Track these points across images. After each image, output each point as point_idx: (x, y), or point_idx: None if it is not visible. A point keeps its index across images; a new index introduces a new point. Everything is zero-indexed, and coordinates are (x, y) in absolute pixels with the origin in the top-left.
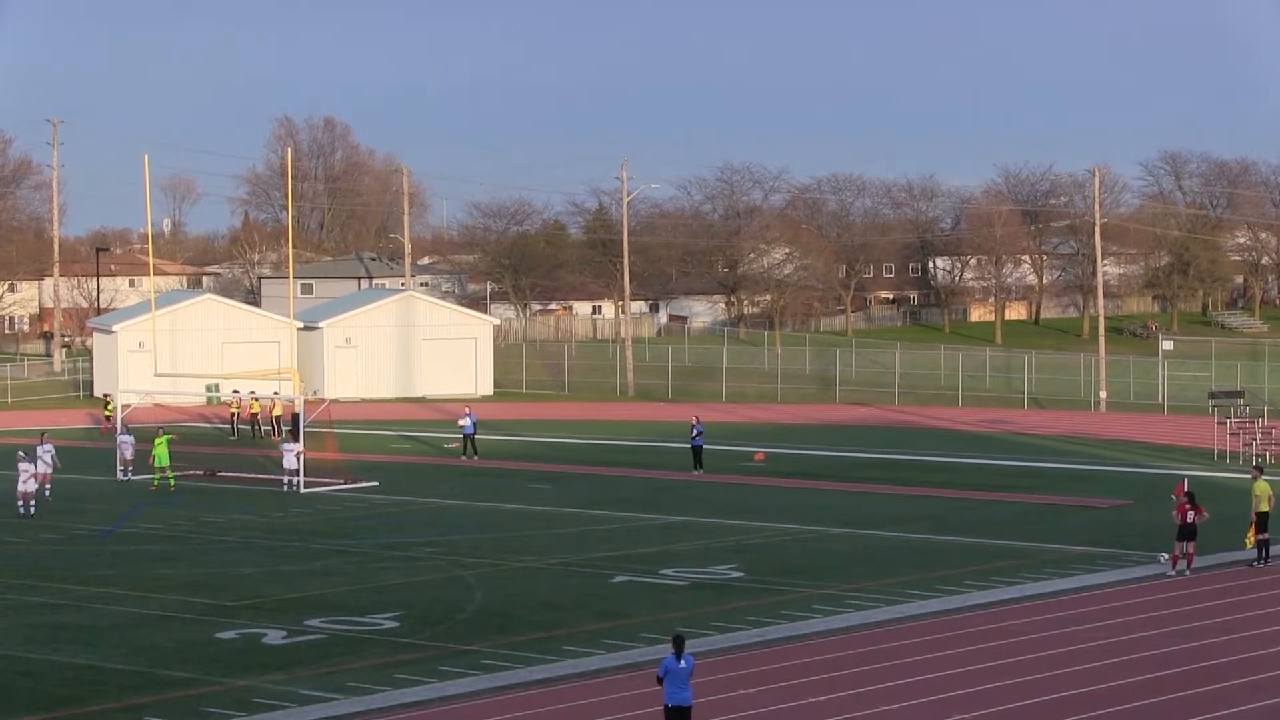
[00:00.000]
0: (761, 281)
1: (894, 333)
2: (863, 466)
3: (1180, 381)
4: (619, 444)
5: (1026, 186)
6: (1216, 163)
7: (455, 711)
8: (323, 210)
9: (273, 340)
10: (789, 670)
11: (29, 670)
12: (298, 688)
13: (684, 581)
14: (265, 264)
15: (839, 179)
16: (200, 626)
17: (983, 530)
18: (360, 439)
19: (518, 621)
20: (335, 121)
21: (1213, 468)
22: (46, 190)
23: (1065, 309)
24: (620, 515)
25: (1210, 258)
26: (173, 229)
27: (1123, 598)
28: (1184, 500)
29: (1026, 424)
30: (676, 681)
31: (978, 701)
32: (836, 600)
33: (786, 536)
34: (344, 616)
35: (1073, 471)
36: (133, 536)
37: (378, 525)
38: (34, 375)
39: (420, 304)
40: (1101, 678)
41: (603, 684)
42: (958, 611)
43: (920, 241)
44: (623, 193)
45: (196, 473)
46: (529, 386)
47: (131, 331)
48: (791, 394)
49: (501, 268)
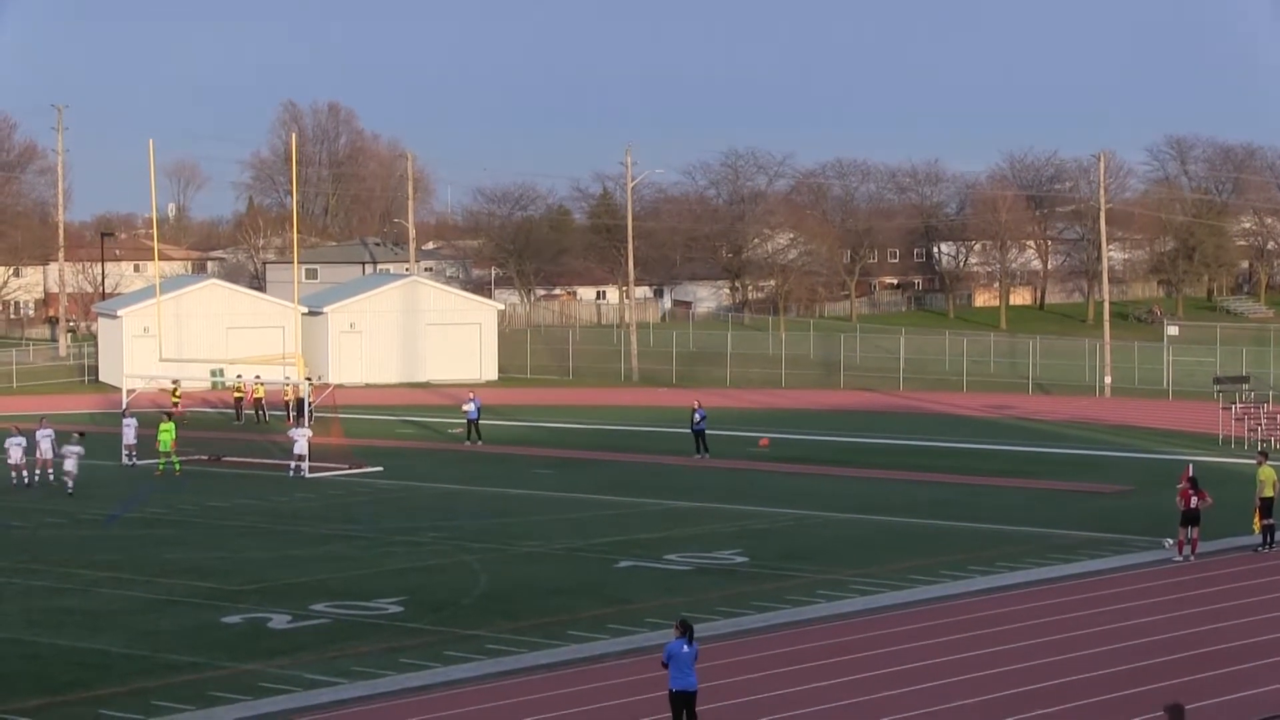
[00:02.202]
0: (766, 267)
1: (899, 318)
2: (867, 452)
3: (1185, 367)
4: (623, 429)
5: (1031, 171)
6: (1222, 147)
7: (460, 696)
8: (327, 195)
9: (277, 325)
10: (793, 655)
11: (34, 654)
12: (303, 672)
13: (688, 566)
14: (270, 249)
15: (844, 164)
16: (206, 611)
17: (987, 515)
18: (365, 424)
19: (522, 606)
20: (340, 106)
21: (1217, 453)
22: (51, 175)
23: (1070, 294)
24: (625, 500)
25: (1216, 243)
26: (177, 214)
27: (1127, 583)
28: (1186, 485)
29: (1031, 409)
30: (681, 666)
31: (981, 686)
32: (840, 585)
33: (790, 522)
34: (349, 601)
35: (1077, 457)
36: (138, 521)
37: (383, 510)
38: (39, 360)
39: (425, 289)
40: (1105, 663)
41: (607, 669)
42: (962, 597)
43: (925, 227)
44: (627, 178)
45: (201, 458)
46: (533, 372)
47: (136, 316)
48: (796, 379)
49: (506, 253)
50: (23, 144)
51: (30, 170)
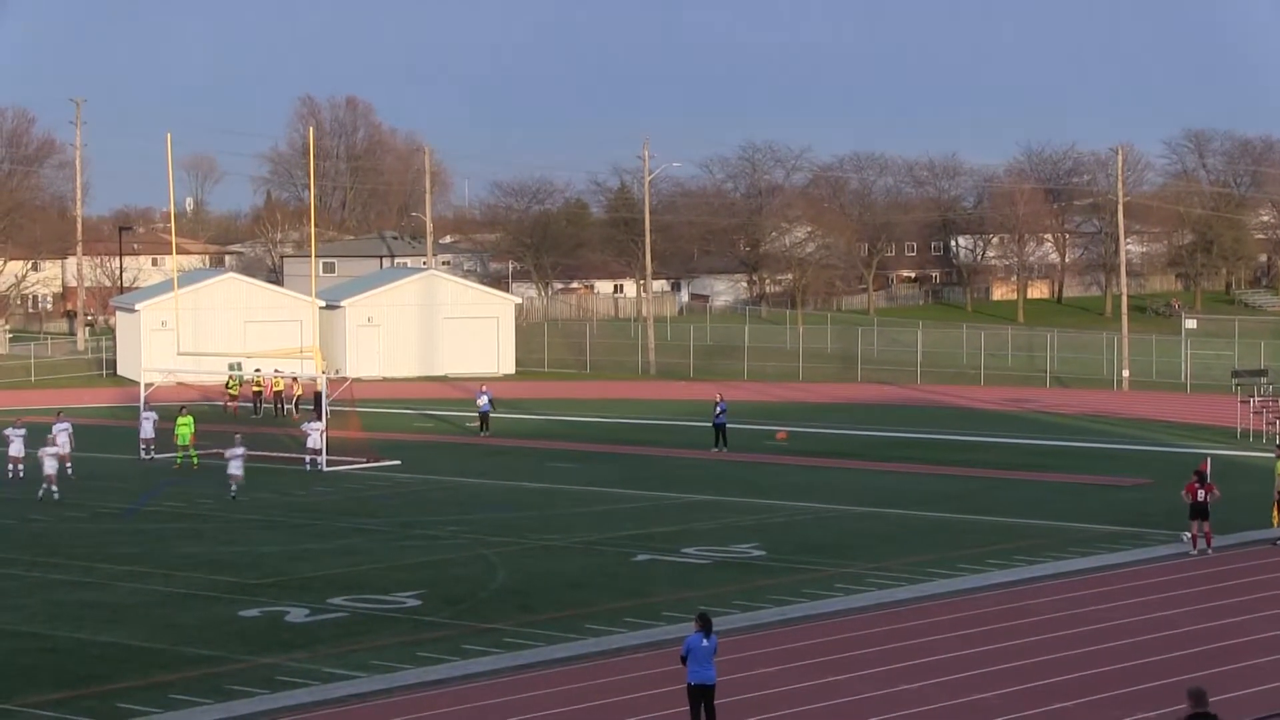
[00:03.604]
0: (783, 260)
1: (916, 311)
2: (884, 445)
3: (1203, 360)
4: (641, 423)
5: (1049, 165)
6: (1240, 140)
7: (477, 689)
8: (345, 189)
9: (295, 319)
10: (810, 649)
11: (54, 648)
12: (320, 665)
13: (706, 560)
14: (287, 243)
15: (861, 157)
16: (224, 605)
17: (1005, 509)
18: (382, 418)
19: (540, 600)
20: (357, 100)
21: (1236, 446)
22: (69, 169)
23: (1088, 287)
24: (642, 494)
25: (1234, 236)
26: (195, 208)
27: (1144, 576)
28: (1193, 479)
29: (1049, 403)
30: (700, 660)
31: (998, 680)
32: (858, 579)
33: (808, 515)
34: (366, 595)
35: (1095, 450)
36: (156, 515)
37: (400, 504)
38: (57, 354)
39: (442, 283)
40: (1122, 656)
41: (624, 662)
42: (979, 590)
43: (943, 220)
44: (644, 171)
45: (220, 451)
46: (551, 365)
47: (154, 310)
48: (813, 373)
49: (523, 247)
50: (41, 138)
51: (49, 164)
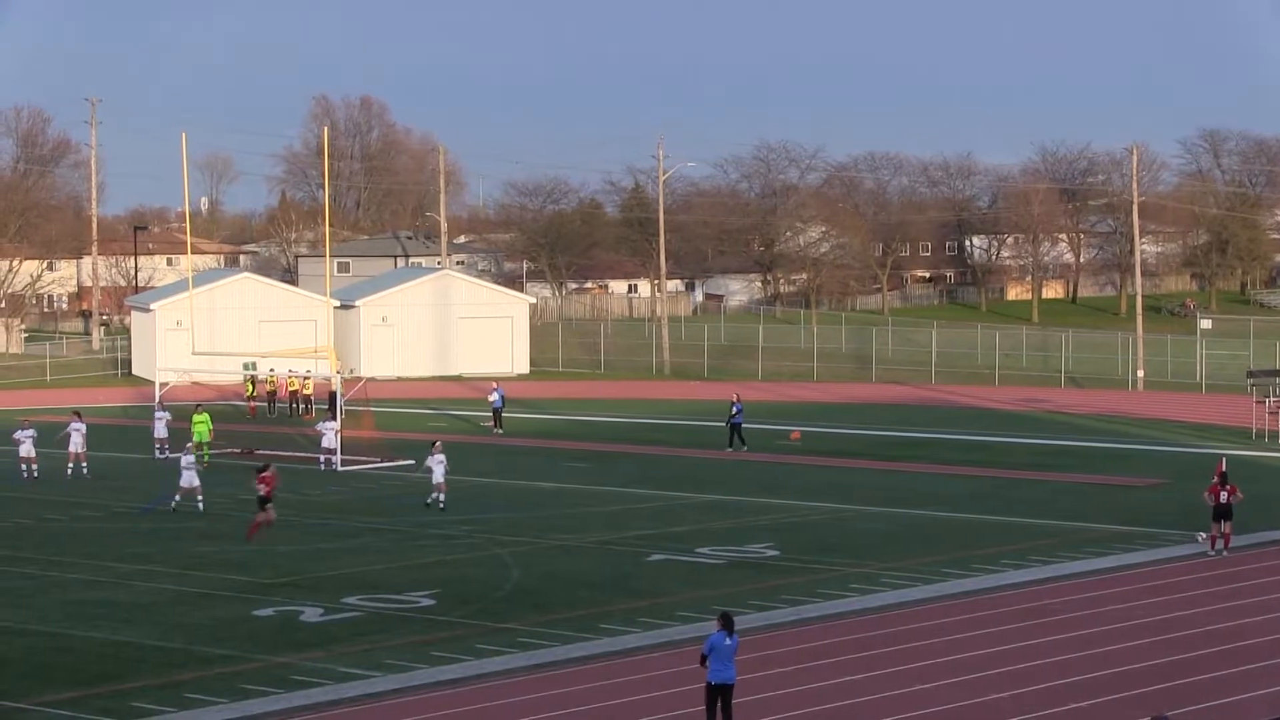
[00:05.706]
0: (798, 260)
1: (931, 311)
2: (899, 445)
3: (1218, 360)
4: (655, 422)
5: (1064, 165)
6: (1256, 140)
7: (492, 689)
8: (359, 189)
9: (310, 319)
10: (825, 649)
11: (68, 647)
12: (335, 665)
13: (720, 560)
14: (302, 242)
15: (875, 157)
16: (238, 604)
17: (1020, 509)
18: (397, 417)
19: (554, 600)
20: (372, 100)
21: (1251, 447)
22: (85, 169)
23: (1102, 287)
24: (656, 494)
25: (1249, 236)
26: (210, 208)
27: (1160, 577)
28: (1215, 480)
29: (1063, 403)
30: (722, 658)
31: (1014, 680)
32: (873, 579)
33: (823, 515)
34: (381, 594)
35: (1110, 450)
36: (171, 514)
37: (414, 503)
38: (73, 353)
39: (457, 282)
40: (1138, 657)
41: (639, 662)
42: (994, 590)
43: (957, 220)
44: (659, 171)
45: (234, 451)
46: (565, 365)
47: (169, 310)
48: (828, 373)
49: (538, 246)
50: (56, 138)
51: (64, 164)
